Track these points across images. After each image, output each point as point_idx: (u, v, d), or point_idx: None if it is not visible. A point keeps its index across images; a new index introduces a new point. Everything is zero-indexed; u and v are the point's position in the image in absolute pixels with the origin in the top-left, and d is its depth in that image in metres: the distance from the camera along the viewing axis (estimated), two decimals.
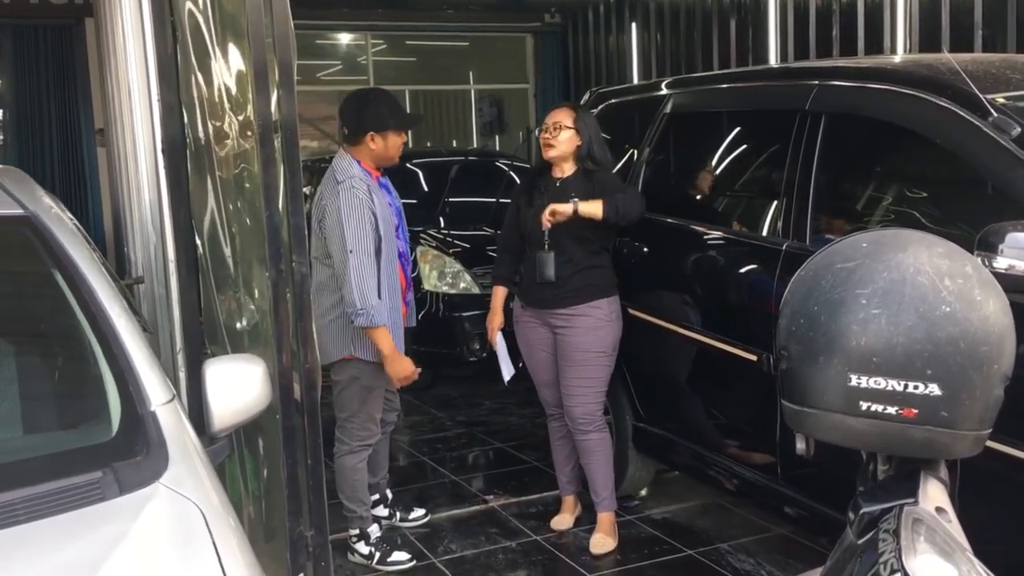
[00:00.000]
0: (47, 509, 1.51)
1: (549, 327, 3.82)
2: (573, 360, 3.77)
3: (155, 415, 1.76)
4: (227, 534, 1.55)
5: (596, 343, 3.76)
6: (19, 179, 2.43)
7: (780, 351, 1.35)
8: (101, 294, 1.97)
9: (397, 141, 3.68)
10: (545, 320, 3.82)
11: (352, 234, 3.43)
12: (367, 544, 3.81)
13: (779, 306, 1.40)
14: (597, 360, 3.78)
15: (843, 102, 3.21)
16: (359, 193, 3.49)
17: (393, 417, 4.02)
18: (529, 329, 3.89)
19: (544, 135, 3.77)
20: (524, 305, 3.88)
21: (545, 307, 3.78)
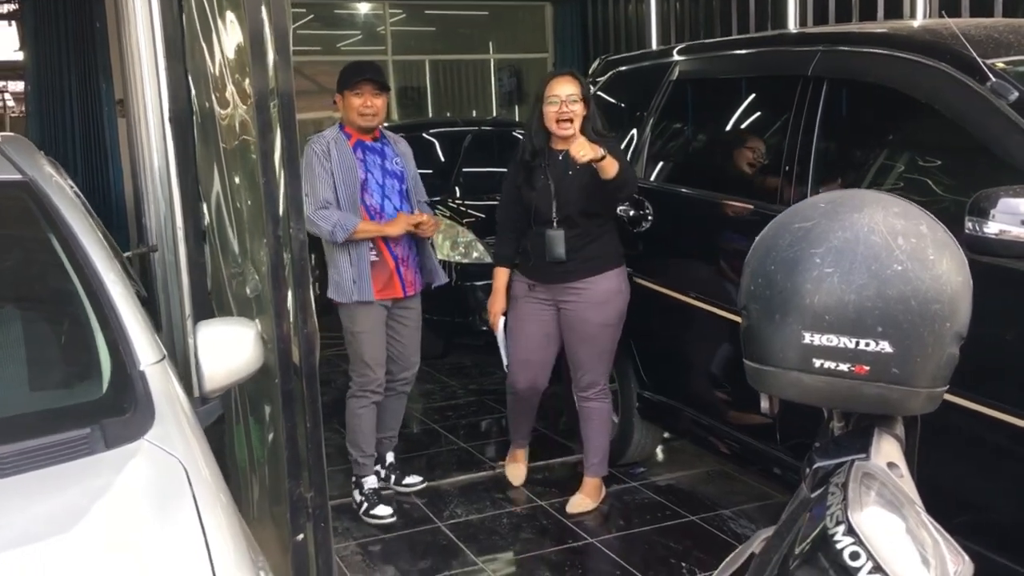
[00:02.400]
0: (35, 462, 1.56)
1: (555, 304, 3.81)
2: (584, 333, 3.77)
3: (144, 374, 1.81)
4: (208, 489, 1.60)
5: (606, 315, 3.76)
6: (21, 146, 2.48)
7: (741, 311, 1.36)
8: (95, 258, 2.02)
9: (351, 101, 3.82)
10: (553, 296, 3.79)
11: (305, 181, 3.63)
12: (360, 493, 3.98)
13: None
14: (607, 332, 3.80)
15: (845, 68, 3.19)
16: (314, 147, 3.80)
17: (406, 375, 4.10)
18: (531, 306, 3.84)
19: (560, 109, 3.59)
20: (531, 283, 3.83)
21: (555, 282, 3.76)
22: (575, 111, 3.59)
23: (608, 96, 4.74)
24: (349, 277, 3.80)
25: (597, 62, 4.93)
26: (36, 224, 2.08)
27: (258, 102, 2.76)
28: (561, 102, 3.59)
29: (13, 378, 1.89)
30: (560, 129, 3.62)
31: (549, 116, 3.62)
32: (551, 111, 3.61)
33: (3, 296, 2.06)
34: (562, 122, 3.60)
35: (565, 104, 3.58)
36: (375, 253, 3.85)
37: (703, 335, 3.73)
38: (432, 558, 3.62)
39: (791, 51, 3.48)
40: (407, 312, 4.01)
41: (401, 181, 3.95)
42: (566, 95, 3.59)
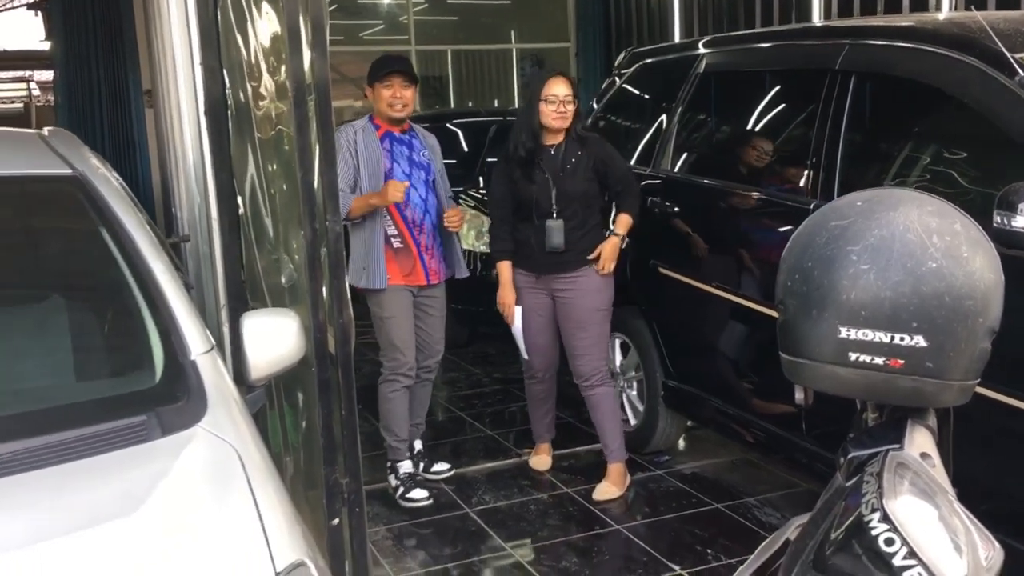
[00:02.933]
0: (96, 448, 1.63)
1: (549, 292, 3.99)
2: (580, 320, 3.94)
3: (195, 364, 1.88)
4: (262, 474, 1.66)
5: (601, 301, 3.96)
6: (67, 140, 2.55)
7: (778, 305, 1.41)
8: (145, 250, 2.08)
9: (381, 93, 3.91)
10: (548, 286, 3.97)
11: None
12: (396, 478, 4.06)
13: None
14: (601, 316, 3.98)
15: (873, 61, 3.22)
16: (341, 136, 3.85)
17: (431, 363, 4.17)
18: (530, 296, 4.02)
19: (557, 108, 3.80)
20: (526, 273, 3.99)
21: (552, 272, 3.93)
22: (570, 111, 3.83)
23: (633, 88, 4.78)
24: (360, 264, 3.90)
25: (623, 54, 4.96)
26: (87, 218, 2.15)
27: (295, 96, 2.82)
28: (559, 101, 3.81)
29: (70, 367, 1.97)
30: (558, 124, 3.85)
31: (547, 114, 3.83)
32: (550, 110, 3.82)
33: (58, 289, 2.14)
34: (558, 118, 3.83)
35: (562, 104, 3.81)
36: (399, 240, 3.93)
37: (728, 325, 3.77)
38: (462, 543, 3.69)
39: (819, 44, 3.50)
40: (432, 300, 4.09)
41: (428, 172, 4.03)
42: (563, 95, 3.82)
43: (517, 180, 3.90)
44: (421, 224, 3.97)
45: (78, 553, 1.41)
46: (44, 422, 1.70)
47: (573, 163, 3.85)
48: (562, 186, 3.84)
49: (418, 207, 3.96)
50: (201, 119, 3.89)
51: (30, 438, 1.62)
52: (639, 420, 4.42)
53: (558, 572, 3.42)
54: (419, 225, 3.97)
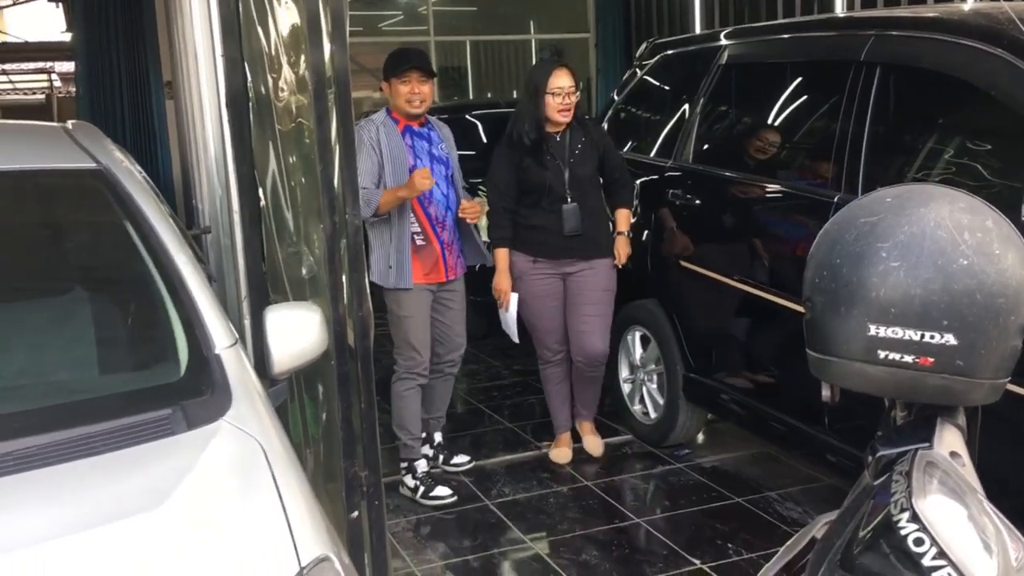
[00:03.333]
0: (122, 441, 1.64)
1: (562, 275, 4.08)
2: (591, 300, 4.09)
3: (219, 357, 1.88)
4: (286, 468, 1.67)
5: (610, 282, 4.12)
6: (91, 133, 2.56)
7: (805, 302, 1.40)
8: (169, 243, 2.09)
9: (398, 88, 3.87)
10: (561, 269, 4.06)
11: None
12: (413, 478, 4.02)
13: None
14: (609, 298, 4.14)
15: (898, 53, 3.18)
16: (363, 133, 3.83)
17: (454, 356, 4.16)
18: (540, 281, 4.09)
19: (563, 100, 3.91)
20: (536, 258, 4.05)
21: (567, 256, 4.03)
22: (574, 101, 3.94)
23: (654, 80, 4.75)
24: (386, 263, 3.87)
25: (644, 46, 4.94)
26: (111, 211, 2.16)
27: (315, 89, 2.82)
28: (564, 93, 3.91)
29: (95, 361, 1.98)
30: (563, 117, 3.95)
31: (553, 107, 3.92)
32: (556, 102, 3.91)
33: (82, 282, 2.15)
34: (563, 111, 3.93)
35: (567, 96, 3.92)
36: (422, 238, 3.90)
37: (750, 318, 3.75)
38: (481, 536, 3.70)
39: (843, 36, 3.47)
40: (451, 295, 4.07)
41: (447, 167, 4.01)
42: (568, 87, 3.92)
43: (527, 167, 3.96)
44: (443, 220, 3.95)
45: (104, 547, 1.42)
46: (70, 416, 1.71)
47: (581, 148, 3.99)
48: (574, 171, 3.97)
49: (440, 203, 3.94)
50: (223, 111, 3.89)
51: (56, 432, 1.63)
52: (659, 413, 4.40)
53: (578, 565, 3.42)
54: (442, 222, 3.95)
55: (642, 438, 4.53)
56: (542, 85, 3.91)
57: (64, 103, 19.40)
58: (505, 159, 4.04)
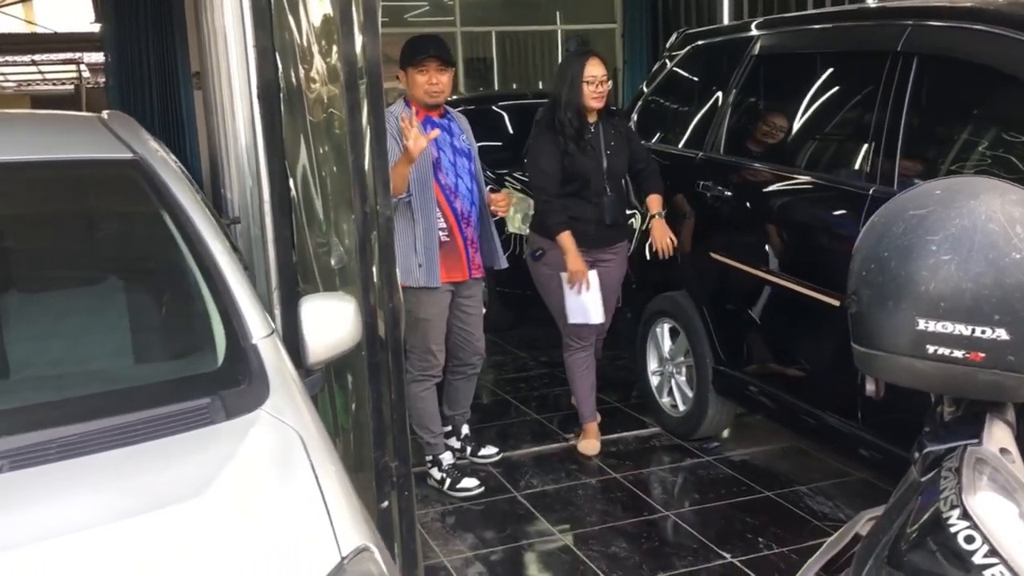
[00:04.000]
0: (163, 429, 1.65)
1: (593, 262, 4.16)
2: (613, 286, 4.31)
3: (256, 347, 1.89)
4: (324, 458, 1.67)
5: (625, 268, 4.37)
6: (127, 123, 2.58)
7: (851, 296, 1.38)
8: (205, 233, 2.10)
9: (415, 78, 3.78)
10: (594, 256, 4.16)
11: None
12: (440, 470, 4.01)
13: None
14: (623, 280, 4.39)
15: (936, 43, 3.14)
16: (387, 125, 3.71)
17: (475, 360, 4.11)
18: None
19: (595, 88, 4.00)
20: (582, 248, 4.09)
21: (602, 245, 4.18)
22: (606, 89, 4.06)
23: (685, 71, 4.72)
24: (415, 261, 3.75)
25: (675, 36, 4.90)
26: (148, 201, 2.17)
27: (347, 80, 2.82)
28: (597, 82, 4.01)
29: (134, 350, 1.99)
30: (595, 103, 4.05)
31: (588, 95, 4.02)
32: (590, 91, 4.01)
33: (121, 272, 2.16)
34: (597, 99, 4.04)
35: (600, 84, 4.02)
36: (446, 233, 3.81)
37: (782, 311, 3.72)
38: (510, 527, 3.70)
39: (879, 26, 3.42)
40: (471, 300, 4.00)
41: (469, 159, 3.92)
42: (601, 76, 4.03)
43: (572, 154, 4.03)
44: (469, 216, 3.89)
45: (147, 535, 1.43)
46: (110, 404, 1.72)
47: (615, 141, 4.12)
48: (611, 163, 4.09)
49: (466, 198, 3.87)
50: (254, 101, 3.90)
51: (98, 420, 1.64)
52: (688, 406, 4.38)
53: (607, 558, 3.42)
54: (467, 217, 3.88)
55: (670, 431, 4.51)
56: (579, 74, 4.00)
57: (92, 94, 19.53)
58: (550, 147, 4.05)
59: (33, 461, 1.54)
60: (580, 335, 4.28)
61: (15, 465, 1.53)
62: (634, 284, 4.71)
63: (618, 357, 5.41)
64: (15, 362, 1.89)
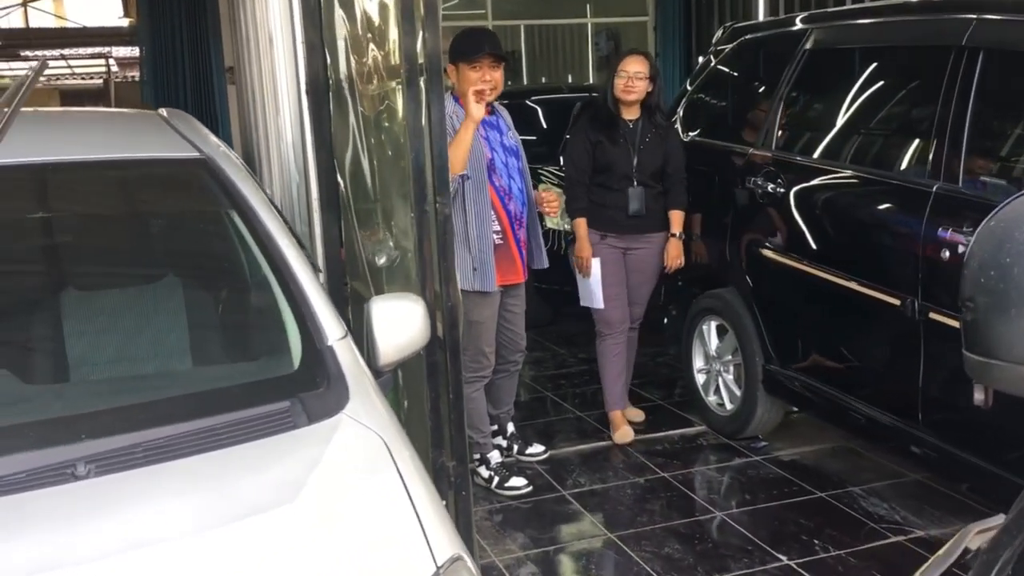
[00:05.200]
0: (247, 434, 1.62)
1: (624, 249, 4.30)
2: (647, 274, 4.38)
3: (332, 349, 1.86)
4: (410, 464, 1.64)
5: (661, 259, 4.36)
6: (187, 121, 2.56)
7: (965, 302, 1.33)
8: (275, 233, 2.08)
9: (468, 74, 3.69)
10: (625, 244, 4.29)
11: None
12: (487, 468, 3.98)
13: (964, 257, 1.38)
14: (659, 272, 4.41)
15: (1004, 37, 3.07)
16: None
17: (517, 357, 4.09)
18: (606, 252, 4.27)
19: (626, 82, 4.12)
20: (606, 233, 4.25)
21: (631, 233, 4.27)
22: (638, 87, 4.15)
23: (733, 66, 4.65)
24: (469, 264, 3.68)
25: (721, 30, 4.84)
26: (217, 201, 2.15)
27: (408, 77, 2.79)
28: (629, 77, 4.13)
29: (211, 353, 1.97)
30: (624, 95, 4.16)
31: (617, 86, 4.17)
32: (620, 83, 4.16)
33: (193, 274, 2.14)
34: (626, 92, 4.16)
35: (632, 79, 4.13)
36: (500, 236, 3.76)
37: (837, 310, 3.66)
38: (560, 526, 3.67)
39: (942, 19, 3.36)
40: (516, 299, 3.97)
41: (517, 158, 3.87)
42: (633, 72, 4.14)
43: (602, 143, 4.18)
44: (521, 218, 3.85)
45: (239, 542, 1.41)
46: (192, 407, 1.70)
47: (650, 139, 4.22)
48: (642, 157, 4.20)
49: (518, 199, 3.82)
50: (302, 96, 3.87)
51: (181, 423, 1.62)
52: (736, 405, 4.34)
53: (661, 559, 3.38)
54: (519, 219, 3.83)
55: (717, 430, 4.47)
56: (615, 67, 4.22)
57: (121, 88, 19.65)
58: (582, 137, 4.26)
59: (119, 466, 1.52)
60: (607, 321, 4.38)
61: (101, 470, 1.51)
62: (680, 281, 4.67)
63: (660, 354, 5.37)
64: (96, 364, 1.88)
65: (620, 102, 4.18)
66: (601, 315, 4.36)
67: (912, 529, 3.50)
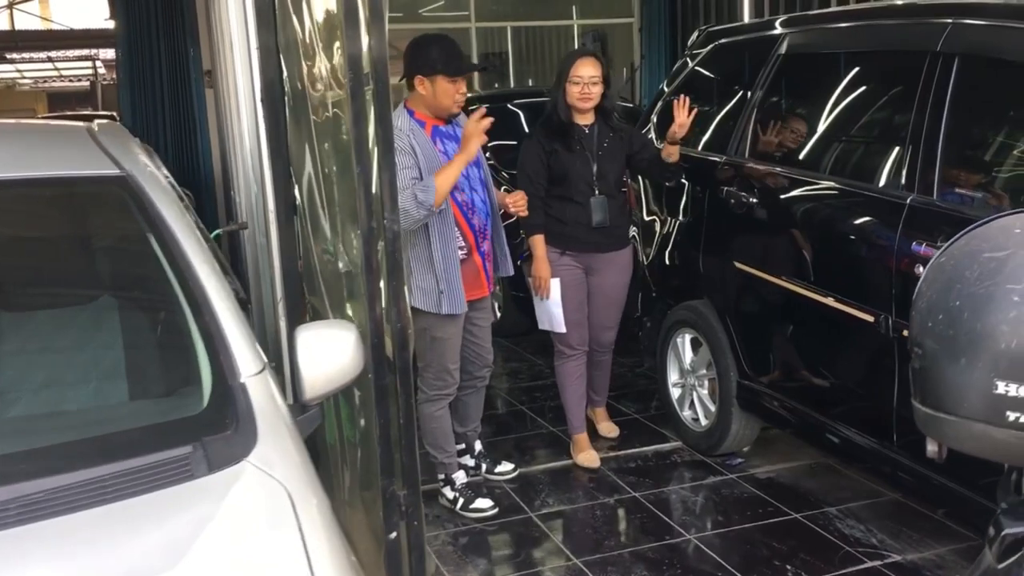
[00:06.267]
0: (138, 486, 1.48)
1: (585, 268, 4.05)
2: (613, 296, 4.13)
3: (245, 387, 1.72)
4: (314, 518, 1.50)
5: (629, 276, 4.17)
6: (117, 135, 2.42)
7: (913, 347, 1.20)
8: (194, 258, 1.93)
9: (447, 88, 3.49)
10: (585, 262, 4.03)
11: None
12: (452, 490, 3.84)
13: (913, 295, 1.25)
14: (626, 291, 4.19)
15: (980, 42, 2.94)
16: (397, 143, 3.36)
17: (484, 372, 3.93)
18: (567, 272, 4.02)
19: (582, 89, 3.86)
20: (564, 251, 3.99)
21: (592, 251, 4.00)
22: (595, 92, 3.88)
23: (707, 69, 4.52)
24: (435, 287, 3.52)
25: (696, 34, 4.70)
26: (133, 222, 2.00)
27: (352, 86, 2.64)
28: (583, 83, 3.87)
29: (110, 390, 1.82)
30: (581, 103, 3.90)
31: (572, 94, 3.89)
32: (575, 90, 3.89)
33: (98, 300, 1.99)
34: (584, 99, 3.89)
35: (587, 85, 3.87)
36: (464, 252, 3.60)
37: (811, 325, 3.53)
38: (524, 551, 3.54)
39: (916, 24, 3.22)
40: (482, 312, 3.80)
41: (479, 167, 3.68)
42: (588, 77, 3.87)
43: (557, 152, 3.91)
44: (485, 230, 3.68)
45: None
46: (79, 456, 1.54)
47: (608, 143, 3.97)
48: (602, 163, 3.95)
49: (482, 212, 3.65)
50: (257, 103, 3.74)
51: (63, 474, 1.47)
52: (711, 421, 4.20)
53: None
54: (483, 232, 3.67)
55: (692, 446, 4.34)
56: (565, 72, 3.91)
57: (108, 90, 19.51)
58: (535, 147, 3.98)
59: None
60: (567, 343, 4.15)
61: None
62: (654, 292, 4.55)
63: (638, 365, 5.24)
64: None
65: (574, 109, 3.91)
66: (559, 336, 4.12)
67: (889, 553, 3.37)
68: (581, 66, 3.88)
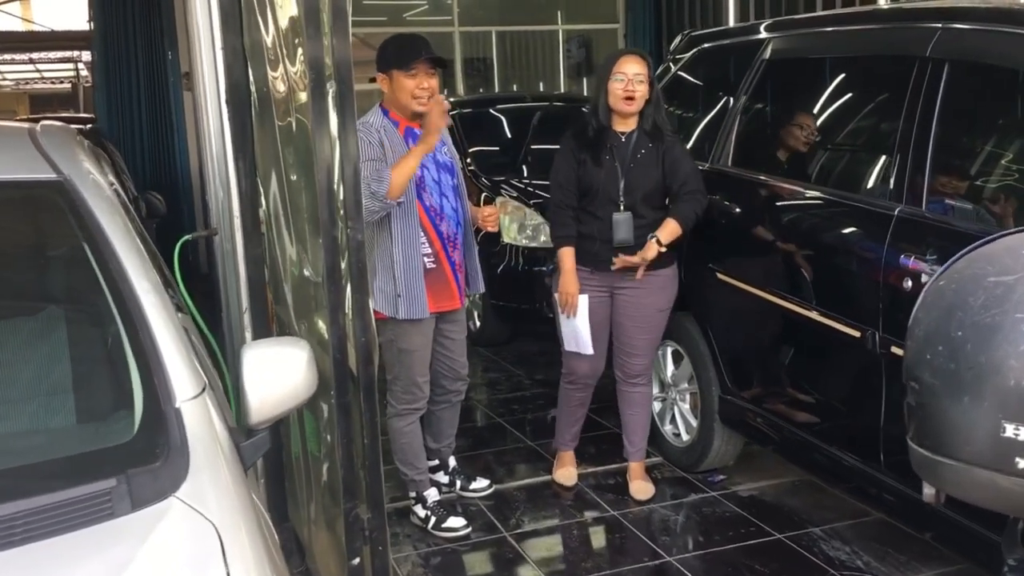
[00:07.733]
0: (52, 526, 1.33)
1: (610, 290, 3.72)
2: (642, 319, 3.75)
3: (179, 412, 1.57)
4: (245, 559, 1.36)
5: (665, 300, 3.76)
6: (59, 138, 2.27)
7: (909, 381, 1.07)
8: (131, 271, 1.78)
9: (404, 83, 3.37)
10: (610, 283, 3.71)
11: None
12: (424, 508, 3.70)
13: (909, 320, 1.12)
14: (663, 317, 3.79)
15: (970, 48, 2.83)
16: (367, 136, 3.35)
17: (458, 387, 3.78)
18: (591, 295, 3.70)
19: (625, 86, 3.54)
20: (585, 269, 3.68)
21: (616, 271, 3.65)
22: (640, 91, 3.57)
23: (690, 75, 4.41)
24: (392, 291, 3.40)
25: (679, 38, 4.59)
26: (68, 230, 1.86)
27: (314, 88, 2.51)
28: (628, 79, 3.56)
29: (32, 414, 1.67)
30: (624, 105, 3.57)
31: (615, 92, 3.57)
32: (618, 87, 3.57)
33: (25, 314, 1.84)
34: (627, 99, 3.56)
35: (631, 82, 3.55)
36: (432, 260, 3.45)
37: (793, 338, 3.41)
38: (498, 573, 3.40)
39: (906, 28, 3.11)
40: (455, 325, 3.65)
41: (452, 174, 3.55)
42: (633, 74, 3.56)
43: (584, 162, 3.63)
44: (455, 239, 3.53)
45: None
46: None
47: (643, 154, 3.61)
48: (630, 177, 3.60)
49: (452, 219, 3.51)
50: (222, 107, 3.61)
51: None
52: (692, 436, 4.07)
53: None
54: (453, 240, 3.52)
55: (673, 461, 4.21)
56: (608, 70, 3.59)
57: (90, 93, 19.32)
58: (567, 153, 3.69)
59: None
60: (573, 371, 3.89)
61: None
62: None
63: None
64: None
65: (615, 112, 3.60)
66: (569, 362, 3.87)
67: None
68: (625, 63, 3.56)
